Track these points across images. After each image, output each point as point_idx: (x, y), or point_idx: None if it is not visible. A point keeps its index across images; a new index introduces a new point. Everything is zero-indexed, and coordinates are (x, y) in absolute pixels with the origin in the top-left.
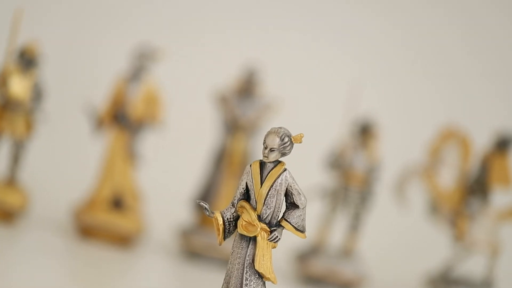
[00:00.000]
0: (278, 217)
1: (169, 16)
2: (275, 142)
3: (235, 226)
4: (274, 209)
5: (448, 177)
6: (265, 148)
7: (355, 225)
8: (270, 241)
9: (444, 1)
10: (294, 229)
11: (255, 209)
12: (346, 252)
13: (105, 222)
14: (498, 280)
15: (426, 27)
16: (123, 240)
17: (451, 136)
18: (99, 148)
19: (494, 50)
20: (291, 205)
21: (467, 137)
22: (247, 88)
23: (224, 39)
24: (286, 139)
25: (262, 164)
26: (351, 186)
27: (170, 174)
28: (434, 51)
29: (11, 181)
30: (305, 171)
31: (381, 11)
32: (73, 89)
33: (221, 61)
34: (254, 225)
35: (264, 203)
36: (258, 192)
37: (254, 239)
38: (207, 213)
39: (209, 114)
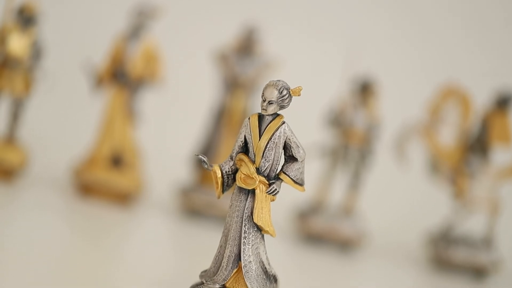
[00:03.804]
0: (277, 170)
1: None
2: (273, 94)
3: (234, 180)
4: (273, 162)
5: (448, 135)
6: (264, 101)
7: (355, 184)
8: (268, 194)
9: None
10: (292, 182)
11: (253, 162)
12: (346, 210)
13: (105, 180)
14: (498, 238)
15: None
16: (122, 198)
17: (451, 94)
18: (99, 106)
19: (494, 8)
20: (290, 158)
21: (467, 95)
22: (246, 46)
23: None
24: (285, 92)
25: (260, 117)
26: (351, 144)
27: (169, 132)
28: (435, 9)
29: (11, 139)
30: (305, 129)
31: None
32: (72, 47)
33: (221, 19)
34: (253, 178)
35: (262, 156)
36: (257, 145)
37: (252, 192)
38: (206, 166)
39: (208, 72)
